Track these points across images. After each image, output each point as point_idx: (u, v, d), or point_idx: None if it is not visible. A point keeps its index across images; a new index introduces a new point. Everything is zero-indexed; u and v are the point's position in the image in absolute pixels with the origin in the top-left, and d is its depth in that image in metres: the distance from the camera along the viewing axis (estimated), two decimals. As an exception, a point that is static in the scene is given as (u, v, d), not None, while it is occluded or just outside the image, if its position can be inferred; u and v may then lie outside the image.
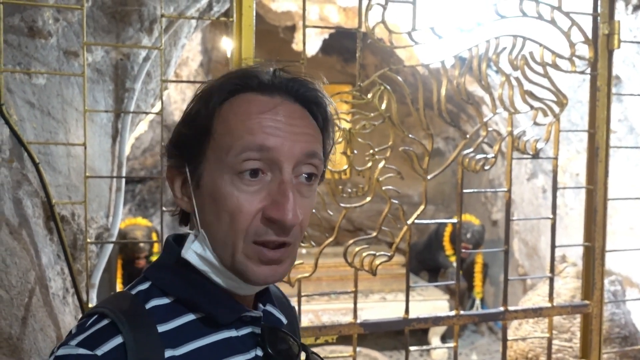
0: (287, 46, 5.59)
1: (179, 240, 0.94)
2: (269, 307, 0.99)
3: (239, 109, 0.87)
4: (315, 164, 0.89)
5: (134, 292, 0.89)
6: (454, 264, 5.98)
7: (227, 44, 5.12)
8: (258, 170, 0.85)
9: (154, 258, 5.35)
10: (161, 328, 0.85)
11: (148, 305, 0.86)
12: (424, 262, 6.11)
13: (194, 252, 0.89)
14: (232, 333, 0.90)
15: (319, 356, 1.02)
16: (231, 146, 0.85)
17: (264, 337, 0.92)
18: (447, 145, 7.31)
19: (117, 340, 0.80)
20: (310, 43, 4.89)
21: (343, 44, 7.07)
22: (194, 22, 2.67)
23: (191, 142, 0.89)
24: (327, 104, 0.94)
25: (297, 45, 5.24)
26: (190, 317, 0.88)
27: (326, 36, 5.33)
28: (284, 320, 1.01)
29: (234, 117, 0.86)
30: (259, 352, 0.92)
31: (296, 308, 1.37)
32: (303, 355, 1.00)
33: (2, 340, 1.52)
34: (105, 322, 0.82)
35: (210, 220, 0.88)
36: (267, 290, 1.00)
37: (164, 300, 0.88)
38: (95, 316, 0.84)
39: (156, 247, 5.42)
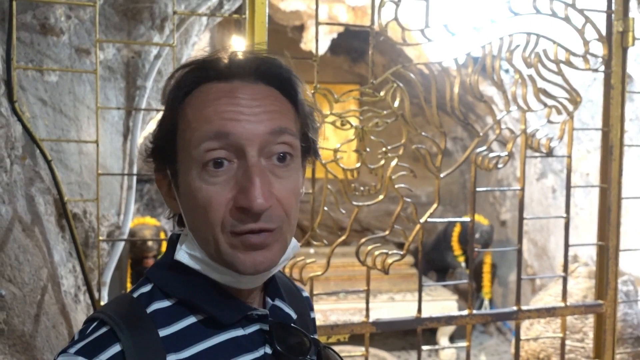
0: (295, 45, 5.58)
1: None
2: (277, 302, 0.96)
3: (196, 101, 0.84)
4: (287, 141, 0.84)
5: (136, 294, 0.87)
6: (462, 264, 5.96)
7: (236, 42, 5.12)
8: (223, 160, 0.81)
9: (161, 257, 5.37)
10: (163, 332, 0.83)
11: (149, 309, 0.85)
12: (432, 262, 6.09)
13: (185, 252, 0.87)
14: (239, 332, 0.88)
15: (332, 350, 0.99)
16: (191, 139, 0.82)
17: (272, 333, 0.89)
18: (455, 145, 7.29)
19: (116, 348, 0.79)
20: (319, 43, 4.88)
21: (351, 44, 7.05)
22: (204, 20, 2.66)
23: (163, 144, 0.87)
24: (292, 77, 0.89)
25: (305, 45, 5.23)
26: (193, 319, 0.86)
27: (334, 36, 5.32)
28: (293, 315, 0.98)
29: (191, 110, 0.84)
30: (268, 350, 0.89)
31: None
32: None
33: (15, 337, 1.51)
34: (104, 329, 0.81)
35: (191, 217, 0.86)
36: (275, 283, 0.97)
37: (166, 303, 0.86)
38: (96, 322, 0.82)
39: (164, 247, 5.43)
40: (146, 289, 0.88)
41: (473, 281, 2.20)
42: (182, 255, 0.87)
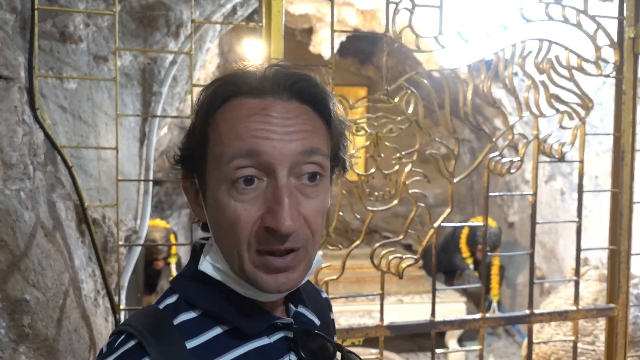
0: (304, 48, 5.61)
1: (204, 248, 0.93)
2: (300, 309, 0.97)
3: (229, 116, 0.84)
4: (318, 162, 0.84)
5: (162, 306, 0.88)
6: (471, 266, 5.98)
7: (246, 48, 5.15)
8: (253, 178, 0.81)
9: (171, 259, 5.41)
10: (190, 344, 0.84)
11: (176, 321, 0.85)
12: (441, 264, 6.11)
13: (209, 263, 0.88)
14: (264, 341, 0.89)
15: (356, 355, 1.00)
16: (222, 155, 0.82)
17: (297, 341, 0.90)
18: (462, 147, 7.30)
19: None
20: (327, 45, 4.91)
21: (358, 46, 7.08)
22: (218, 26, 2.69)
23: (193, 153, 0.88)
24: (327, 96, 0.89)
25: (314, 48, 5.26)
26: (219, 330, 0.87)
27: (343, 38, 5.34)
28: (317, 322, 0.99)
29: (224, 125, 0.84)
30: (293, 357, 0.91)
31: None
32: (339, 355, 0.97)
33: (39, 341, 1.54)
34: (132, 342, 0.81)
35: (217, 230, 0.87)
36: (298, 290, 0.97)
37: (192, 315, 0.87)
38: (124, 335, 0.83)
39: (174, 249, 5.46)
40: (172, 300, 0.88)
41: (483, 283, 2.22)
42: (207, 266, 0.88)
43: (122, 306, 1.92)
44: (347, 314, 4.96)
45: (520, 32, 2.08)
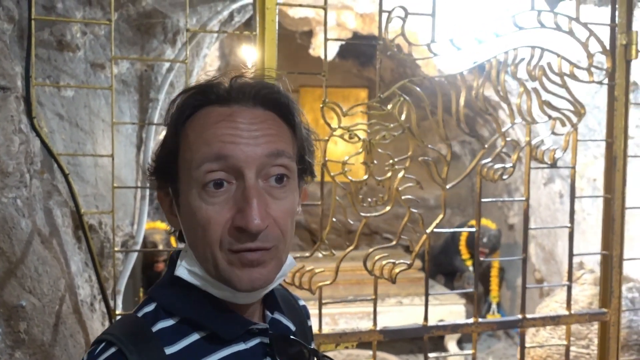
0: (304, 51, 5.63)
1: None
2: (276, 315, 1.00)
3: (197, 124, 0.88)
4: (284, 164, 0.88)
5: (140, 314, 0.90)
6: (470, 268, 5.99)
7: (246, 52, 5.18)
8: (222, 181, 0.85)
9: (172, 262, 5.41)
10: (169, 350, 0.86)
11: (155, 328, 0.87)
12: (440, 265, 6.12)
13: (185, 267, 0.91)
14: (241, 346, 0.91)
15: (330, 358, 1.03)
16: (192, 160, 0.85)
17: (273, 346, 0.93)
18: (463, 148, 7.31)
19: None
20: (328, 48, 4.93)
21: (359, 48, 7.09)
22: (215, 33, 2.72)
23: (165, 163, 0.91)
24: (290, 102, 0.93)
25: (314, 51, 5.28)
26: (196, 336, 0.89)
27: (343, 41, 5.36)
28: (292, 327, 1.02)
29: (192, 133, 0.87)
30: None
31: (313, 312, 1.35)
32: None
33: (35, 347, 1.57)
34: (112, 349, 0.83)
35: (190, 235, 0.89)
36: (274, 297, 1.01)
37: (170, 322, 0.89)
38: (104, 344, 0.85)
39: (174, 252, 5.47)
40: (150, 308, 0.91)
41: (479, 287, 2.24)
42: (182, 271, 0.91)
43: (118, 311, 1.95)
44: (346, 316, 4.98)
45: (513, 40, 2.09)
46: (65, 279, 1.77)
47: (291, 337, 0.98)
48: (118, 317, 1.91)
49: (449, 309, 5.14)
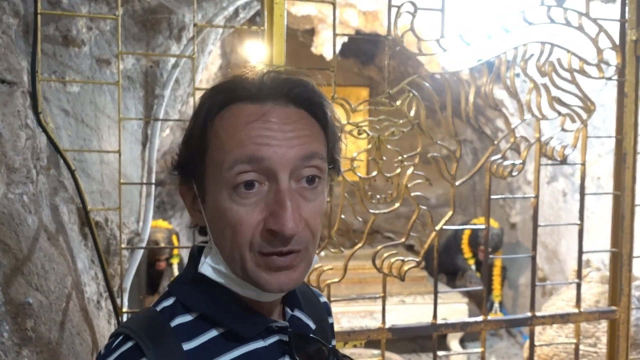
0: (306, 49, 5.61)
1: (202, 251, 0.94)
2: (296, 312, 0.99)
3: (228, 122, 0.85)
4: (316, 165, 0.86)
5: (159, 308, 0.89)
6: (472, 267, 5.98)
7: (249, 49, 5.15)
8: (253, 182, 0.83)
9: (173, 260, 5.41)
10: (186, 346, 0.85)
11: (173, 323, 0.86)
12: (442, 264, 6.10)
13: (209, 265, 0.89)
14: (259, 344, 0.90)
15: (350, 359, 1.01)
16: (223, 161, 0.83)
17: (291, 344, 0.92)
18: (464, 147, 7.30)
19: None
20: (329, 46, 4.91)
21: (361, 47, 7.09)
22: (220, 29, 2.70)
23: (191, 160, 0.89)
24: (323, 100, 0.91)
25: (316, 49, 5.26)
26: (214, 332, 0.88)
27: (345, 39, 5.34)
28: (312, 325, 1.00)
29: (223, 132, 0.85)
30: None
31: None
32: None
33: (42, 345, 1.55)
34: (129, 344, 0.82)
35: (217, 234, 0.88)
36: (294, 294, 0.99)
37: (188, 317, 0.88)
38: (121, 337, 0.84)
39: (176, 250, 5.47)
40: (169, 302, 0.90)
41: (485, 286, 2.22)
42: (207, 268, 0.89)
43: (124, 309, 1.93)
44: (349, 315, 4.97)
45: (522, 35, 2.07)
46: (71, 276, 1.75)
47: (310, 335, 0.96)
48: (125, 315, 1.90)
49: (452, 307, 5.13)
